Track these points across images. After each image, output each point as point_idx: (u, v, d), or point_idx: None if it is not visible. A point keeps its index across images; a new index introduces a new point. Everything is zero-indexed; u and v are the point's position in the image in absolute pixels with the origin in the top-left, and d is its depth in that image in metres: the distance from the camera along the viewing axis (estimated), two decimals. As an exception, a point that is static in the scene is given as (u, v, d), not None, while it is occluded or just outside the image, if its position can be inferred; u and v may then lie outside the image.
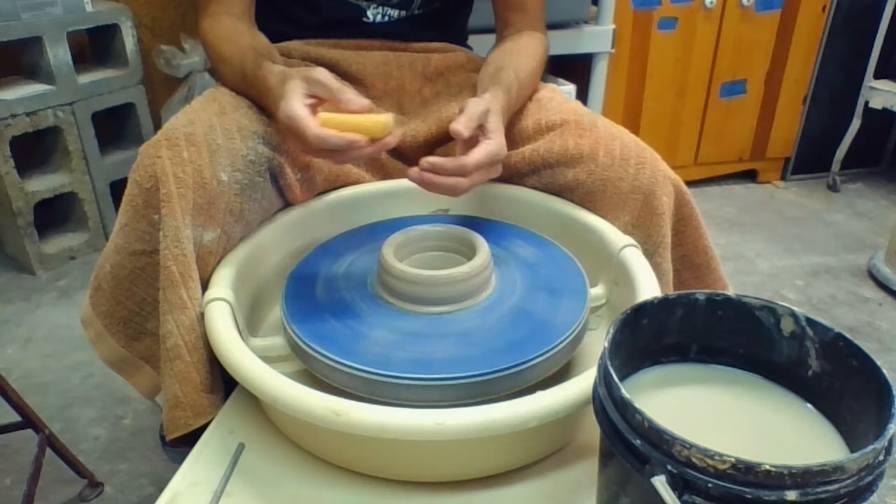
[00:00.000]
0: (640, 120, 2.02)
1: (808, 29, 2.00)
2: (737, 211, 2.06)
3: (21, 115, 1.57)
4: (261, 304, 0.80)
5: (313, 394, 0.55)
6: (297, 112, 0.68)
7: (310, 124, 0.67)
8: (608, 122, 0.84)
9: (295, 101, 0.68)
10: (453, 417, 0.53)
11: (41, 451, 0.97)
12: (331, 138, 0.67)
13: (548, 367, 0.64)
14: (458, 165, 0.70)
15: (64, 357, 1.39)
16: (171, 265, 0.66)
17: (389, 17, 0.97)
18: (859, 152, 2.18)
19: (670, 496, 0.40)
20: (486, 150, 0.72)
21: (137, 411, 1.25)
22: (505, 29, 0.97)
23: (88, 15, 1.67)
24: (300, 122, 0.67)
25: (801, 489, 0.39)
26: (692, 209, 0.84)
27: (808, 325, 0.52)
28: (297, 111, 0.68)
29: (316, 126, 0.67)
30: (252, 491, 0.59)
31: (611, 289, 0.78)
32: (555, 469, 0.62)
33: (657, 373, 0.56)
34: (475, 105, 0.74)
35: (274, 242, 0.80)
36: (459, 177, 0.71)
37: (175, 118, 0.73)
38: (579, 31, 1.70)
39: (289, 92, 0.70)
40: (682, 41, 1.94)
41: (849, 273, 1.73)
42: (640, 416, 0.43)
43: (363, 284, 0.72)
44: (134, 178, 0.69)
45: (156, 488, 1.08)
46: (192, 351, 0.66)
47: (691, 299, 0.55)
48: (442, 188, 0.71)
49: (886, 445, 0.42)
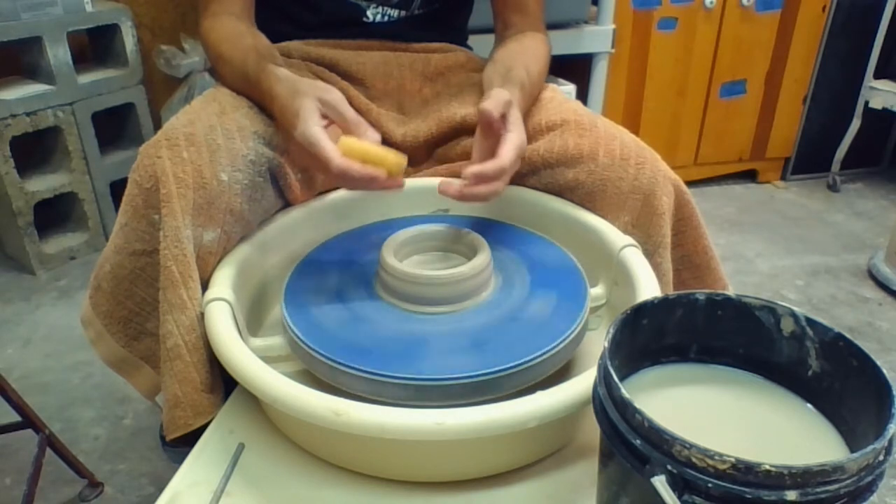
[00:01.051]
0: (640, 120, 2.02)
1: (808, 29, 2.00)
2: (737, 211, 2.06)
3: (21, 115, 1.57)
4: (261, 304, 0.80)
5: (313, 394, 0.55)
6: (319, 138, 0.67)
7: (334, 155, 0.66)
8: (608, 122, 0.84)
9: (313, 124, 0.68)
10: (453, 417, 0.53)
11: (41, 451, 0.97)
12: (354, 172, 0.66)
13: (548, 367, 0.64)
14: (498, 168, 0.69)
15: (64, 357, 1.39)
16: (171, 265, 0.66)
17: (389, 17, 0.97)
18: (859, 152, 2.18)
19: (670, 496, 0.40)
20: (513, 144, 0.71)
21: (137, 411, 1.25)
22: (505, 30, 0.97)
23: (88, 15, 1.67)
24: (323, 150, 0.66)
25: (801, 489, 0.39)
26: (692, 209, 0.84)
27: (808, 325, 0.52)
28: (318, 137, 0.67)
29: (339, 157, 0.66)
30: (252, 491, 0.59)
31: (611, 289, 0.78)
32: (555, 469, 0.62)
33: (657, 373, 0.56)
34: (500, 93, 0.73)
35: (274, 242, 0.80)
36: (496, 181, 0.70)
37: (175, 118, 0.73)
38: (579, 31, 1.70)
39: (305, 111, 0.69)
40: (682, 41, 1.94)
41: (849, 273, 1.73)
42: (640, 416, 0.43)
43: (363, 284, 0.72)
44: (134, 178, 0.69)
45: (156, 488, 1.08)
46: (192, 351, 0.66)
47: (691, 299, 0.55)
48: (484, 196, 0.70)
49: (886, 445, 0.42)
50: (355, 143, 0.68)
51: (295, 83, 0.73)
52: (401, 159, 0.69)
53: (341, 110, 0.70)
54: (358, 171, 0.66)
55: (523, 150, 0.74)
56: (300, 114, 0.69)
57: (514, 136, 0.72)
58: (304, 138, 0.68)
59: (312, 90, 0.71)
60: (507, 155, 0.70)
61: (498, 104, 0.72)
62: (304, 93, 0.71)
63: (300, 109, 0.69)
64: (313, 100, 0.70)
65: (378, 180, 0.67)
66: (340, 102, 0.70)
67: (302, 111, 0.69)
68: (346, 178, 0.67)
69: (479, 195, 0.70)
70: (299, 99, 0.70)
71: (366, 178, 0.66)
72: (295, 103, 0.70)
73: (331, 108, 0.70)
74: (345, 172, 0.66)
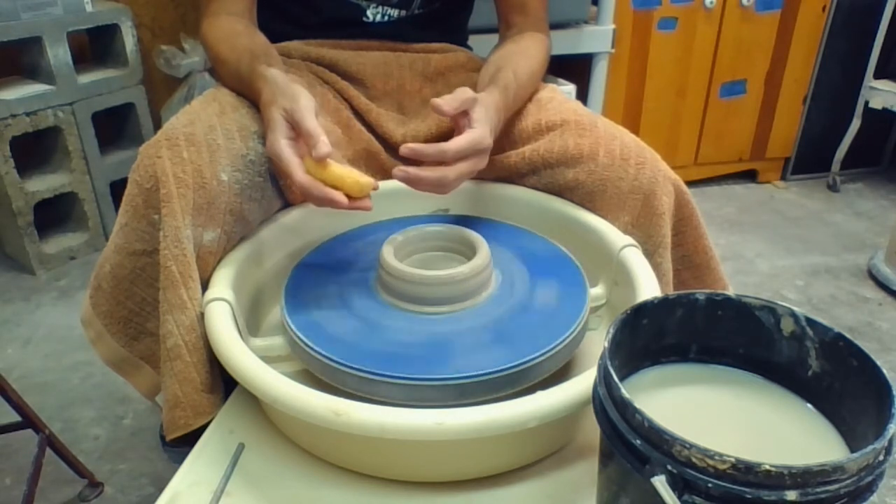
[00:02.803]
0: (640, 120, 2.02)
1: (808, 29, 2.00)
2: (737, 211, 2.06)
3: (21, 115, 1.57)
4: (261, 304, 0.80)
5: (313, 394, 0.55)
6: (283, 153, 0.67)
7: (296, 170, 0.66)
8: (608, 122, 0.84)
9: (279, 138, 0.68)
10: (453, 417, 0.53)
11: (41, 451, 0.97)
12: (314, 191, 0.66)
13: (548, 367, 0.64)
14: (438, 151, 0.70)
15: (64, 357, 1.39)
16: (171, 265, 0.66)
17: (389, 17, 0.97)
18: (859, 152, 2.18)
19: (670, 496, 0.40)
20: (467, 137, 0.72)
21: (137, 411, 1.25)
22: (507, 30, 0.97)
23: (88, 15, 1.67)
24: (286, 165, 0.67)
25: (801, 489, 0.39)
26: (692, 209, 0.84)
27: (808, 325, 0.52)
28: (283, 152, 0.67)
29: (302, 174, 0.66)
30: (252, 491, 0.59)
31: (611, 289, 0.78)
32: (555, 469, 0.62)
33: (657, 373, 0.56)
34: (464, 91, 0.74)
35: (274, 242, 0.80)
36: (442, 166, 0.71)
37: (175, 118, 0.73)
38: (579, 31, 1.70)
39: (273, 122, 0.69)
40: (682, 41, 1.94)
41: (849, 273, 1.72)
42: (640, 416, 0.43)
43: (363, 284, 0.72)
44: (134, 178, 0.69)
45: (156, 488, 1.08)
46: (192, 351, 0.66)
47: (691, 299, 0.55)
48: (428, 183, 0.71)
49: (886, 445, 0.42)
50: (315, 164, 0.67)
51: (274, 87, 0.72)
52: (364, 182, 0.67)
53: (298, 119, 0.68)
54: (318, 189, 0.66)
55: (481, 146, 0.73)
56: (269, 124, 0.70)
57: (472, 131, 0.73)
58: (271, 151, 0.69)
59: (282, 99, 0.70)
60: (454, 143, 0.71)
61: (454, 101, 0.72)
62: (275, 102, 0.70)
63: (270, 121, 0.70)
64: (280, 110, 0.69)
65: (336, 202, 0.66)
66: (303, 111, 0.68)
67: (271, 122, 0.69)
68: (307, 195, 0.67)
69: (423, 179, 0.70)
70: (269, 109, 0.71)
71: (326, 201, 0.67)
72: (267, 112, 0.71)
73: (293, 121, 0.69)
74: (306, 190, 0.66)
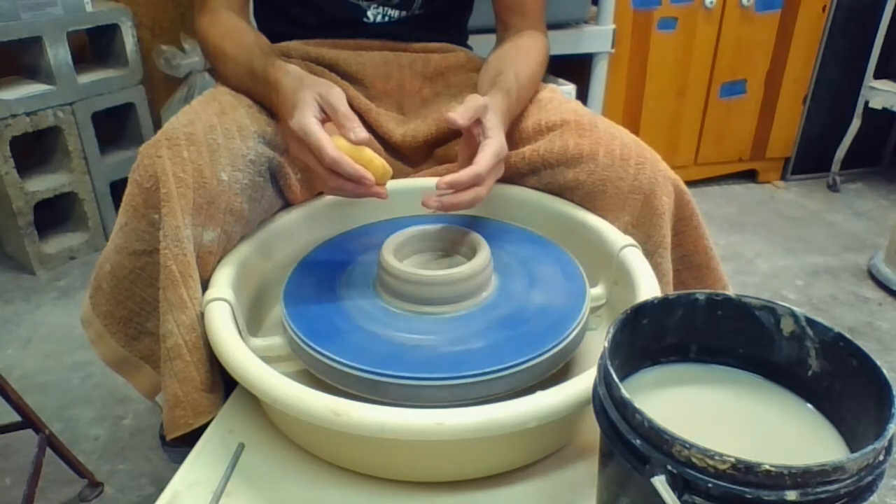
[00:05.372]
0: (640, 120, 2.02)
1: (808, 29, 2.00)
2: (737, 211, 2.06)
3: (21, 115, 1.57)
4: (261, 304, 0.80)
5: (313, 394, 0.55)
6: (314, 128, 0.68)
7: (328, 144, 0.67)
8: (608, 122, 0.84)
9: (310, 115, 0.69)
10: (453, 417, 0.53)
11: (41, 451, 0.97)
12: (345, 165, 0.67)
13: (548, 368, 0.64)
14: (473, 175, 0.70)
15: (64, 357, 1.39)
16: (171, 265, 0.66)
17: (389, 18, 0.97)
18: (859, 152, 2.18)
19: (670, 496, 0.40)
20: (491, 150, 0.72)
21: (137, 411, 1.25)
22: (505, 31, 0.97)
23: (88, 15, 1.67)
24: (317, 139, 0.67)
25: (801, 489, 0.39)
26: (692, 209, 0.84)
27: (808, 325, 0.52)
28: (314, 127, 0.68)
29: (333, 148, 0.67)
30: (252, 491, 0.59)
31: (611, 289, 0.78)
32: (555, 469, 0.62)
33: (657, 373, 0.56)
34: (474, 99, 0.74)
35: (274, 242, 0.80)
36: (477, 186, 0.71)
37: (175, 118, 0.73)
38: (579, 31, 1.70)
39: (303, 103, 0.70)
40: (682, 41, 1.94)
41: (849, 273, 1.73)
42: (640, 416, 0.43)
43: (363, 284, 0.72)
44: (134, 177, 0.69)
45: (156, 488, 1.08)
46: (192, 351, 0.66)
47: (691, 299, 0.55)
48: (464, 205, 0.71)
49: (886, 445, 0.42)
50: (346, 143, 0.69)
51: (301, 77, 0.74)
52: (388, 168, 0.70)
53: (335, 103, 0.70)
54: (349, 165, 0.67)
55: (503, 154, 0.74)
56: (298, 105, 0.70)
57: (491, 141, 0.72)
58: (299, 126, 0.69)
59: (315, 85, 0.72)
60: (483, 161, 0.71)
61: (467, 111, 0.72)
62: (306, 86, 0.72)
63: (299, 101, 0.70)
64: (313, 93, 0.71)
65: (366, 180, 0.67)
66: (339, 97, 0.70)
67: (300, 103, 0.70)
68: (338, 171, 0.67)
69: (460, 203, 0.70)
70: (301, 92, 0.71)
71: (356, 176, 0.67)
72: (296, 96, 0.71)
73: (327, 104, 0.70)
74: (337, 164, 0.67)
